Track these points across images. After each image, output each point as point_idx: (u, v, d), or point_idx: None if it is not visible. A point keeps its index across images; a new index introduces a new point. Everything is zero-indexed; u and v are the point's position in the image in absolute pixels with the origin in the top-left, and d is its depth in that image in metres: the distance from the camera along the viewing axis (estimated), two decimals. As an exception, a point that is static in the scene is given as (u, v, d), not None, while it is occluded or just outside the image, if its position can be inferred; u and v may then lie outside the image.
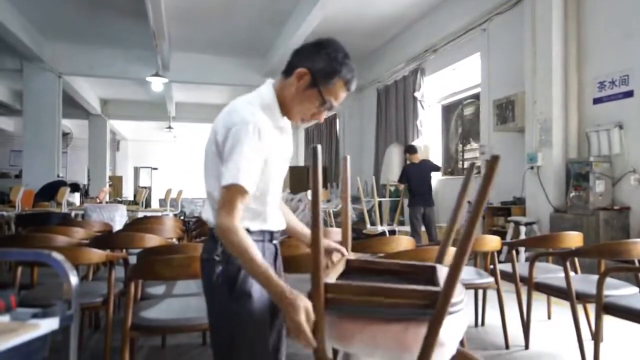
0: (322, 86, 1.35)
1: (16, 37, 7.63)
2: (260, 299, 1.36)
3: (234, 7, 7.69)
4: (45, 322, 1.04)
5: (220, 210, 1.26)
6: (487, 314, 3.45)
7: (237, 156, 1.26)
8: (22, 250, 1.36)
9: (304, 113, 1.41)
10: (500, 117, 5.99)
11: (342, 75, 1.36)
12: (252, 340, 1.35)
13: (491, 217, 5.97)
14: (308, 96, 1.37)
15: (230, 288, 1.34)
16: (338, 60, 1.35)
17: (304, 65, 1.35)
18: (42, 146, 9.02)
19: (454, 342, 1.30)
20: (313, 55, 1.36)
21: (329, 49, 1.36)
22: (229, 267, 1.34)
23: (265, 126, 1.32)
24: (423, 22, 8.18)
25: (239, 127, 1.29)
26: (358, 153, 10.86)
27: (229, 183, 1.26)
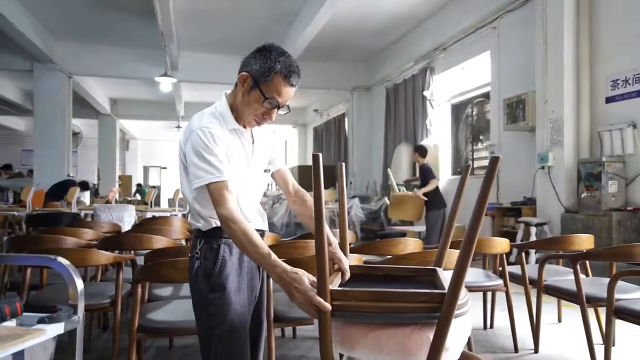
0: (262, 85, 1.45)
1: (27, 38, 7.69)
2: (237, 291, 1.49)
3: (242, 7, 7.69)
4: (50, 328, 1.03)
5: (215, 206, 1.39)
6: (496, 317, 3.42)
7: (201, 157, 1.40)
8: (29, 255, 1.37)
9: (254, 114, 1.50)
10: (510, 116, 5.93)
11: (278, 70, 1.45)
12: (229, 329, 1.45)
13: (501, 218, 5.92)
14: (253, 97, 1.48)
15: (207, 281, 1.47)
16: (272, 58, 1.45)
17: (245, 71, 1.48)
18: (53, 145, 9.10)
19: (459, 346, 1.29)
20: (251, 60, 1.48)
21: (264, 51, 1.47)
22: (206, 263, 1.48)
23: (217, 130, 1.45)
24: (432, 20, 8.13)
25: (194, 134, 1.43)
26: (367, 153, 10.83)
27: (204, 184, 1.39)
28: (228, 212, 1.37)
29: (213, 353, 1.47)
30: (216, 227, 1.49)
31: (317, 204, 1.23)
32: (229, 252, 1.50)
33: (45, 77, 9.14)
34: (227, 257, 1.49)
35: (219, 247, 1.49)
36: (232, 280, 1.48)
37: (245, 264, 1.54)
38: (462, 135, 8.11)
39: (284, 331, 3.22)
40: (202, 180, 1.40)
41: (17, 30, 7.30)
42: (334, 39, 8.98)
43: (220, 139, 1.44)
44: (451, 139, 8.25)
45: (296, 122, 16.67)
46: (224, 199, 1.38)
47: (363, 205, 8.79)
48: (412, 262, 2.12)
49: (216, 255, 1.48)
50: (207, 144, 1.41)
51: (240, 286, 1.50)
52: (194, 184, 1.42)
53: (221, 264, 1.47)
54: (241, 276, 1.52)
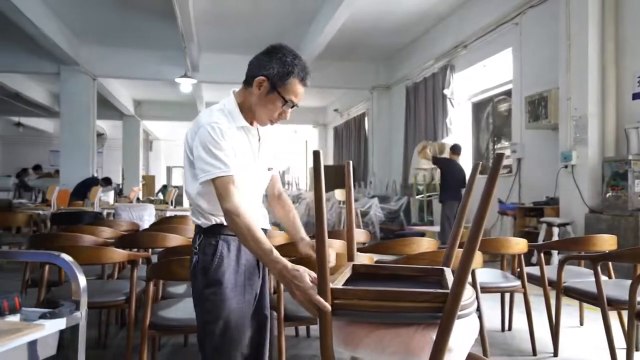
0: (280, 88, 1.49)
1: (53, 42, 7.90)
2: (233, 288, 1.49)
3: (261, 8, 7.73)
4: (50, 323, 1.05)
5: (220, 201, 1.41)
6: (515, 319, 3.34)
7: (209, 152, 1.42)
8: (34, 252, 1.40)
9: (270, 115, 1.54)
10: (532, 114, 5.80)
11: (296, 74, 1.49)
12: (224, 325, 1.47)
13: (522, 218, 5.79)
14: (270, 100, 1.50)
15: (204, 276, 1.48)
16: (289, 62, 1.49)
17: (261, 74, 1.49)
18: (78, 146, 9.32)
19: (464, 348, 1.26)
20: (267, 63, 1.50)
21: (280, 54, 1.50)
22: (204, 258, 1.49)
23: (226, 126, 1.47)
24: (452, 17, 8.02)
25: (203, 129, 1.45)
26: (387, 152, 10.76)
27: (210, 178, 1.41)
28: (233, 205, 1.38)
29: (207, 348, 1.48)
30: (215, 224, 1.51)
31: (317, 202, 1.22)
32: (227, 248, 1.51)
33: (71, 80, 9.37)
34: (224, 254, 1.50)
35: (217, 243, 1.50)
36: (229, 277, 1.49)
37: (243, 262, 1.54)
38: (483, 134, 7.98)
39: (297, 330, 3.22)
40: (209, 174, 1.41)
41: (44, 34, 7.50)
42: (353, 38, 8.95)
43: (228, 135, 1.46)
44: (472, 138, 8.13)
45: (316, 122, 16.68)
46: (229, 192, 1.39)
47: (382, 205, 8.73)
48: (423, 262, 2.08)
49: (214, 251, 1.49)
50: (216, 139, 1.42)
51: (237, 283, 1.51)
52: (200, 178, 1.42)
53: (218, 259, 1.49)
54: (238, 273, 1.52)
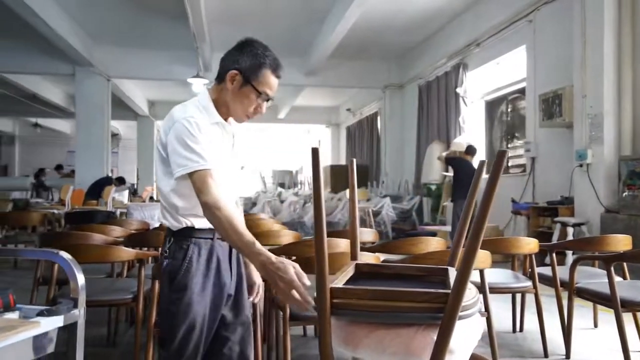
0: (253, 81, 1.48)
1: (68, 44, 8.02)
2: (200, 292, 1.45)
3: (273, 7, 7.74)
4: (47, 321, 1.05)
5: (199, 195, 1.36)
6: (527, 320, 3.29)
7: (186, 145, 1.38)
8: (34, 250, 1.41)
9: (246, 109, 1.52)
10: (546, 112, 5.71)
11: (268, 65, 1.49)
12: (187, 329, 1.43)
13: (536, 218, 5.70)
14: (244, 93, 1.49)
15: (172, 280, 1.45)
16: (260, 54, 1.49)
17: (233, 68, 1.48)
18: (93, 146, 9.45)
19: (466, 349, 1.23)
20: (238, 57, 1.49)
21: (250, 47, 1.50)
22: (174, 262, 1.46)
23: (202, 121, 1.44)
24: (465, 15, 7.93)
25: (178, 124, 1.41)
26: (399, 151, 10.70)
27: (188, 172, 1.37)
28: (213, 198, 1.34)
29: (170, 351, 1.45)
30: (187, 227, 1.47)
31: (316, 199, 1.20)
32: (197, 252, 1.47)
33: (85, 81, 9.50)
34: (194, 258, 1.46)
35: (188, 247, 1.46)
36: (197, 281, 1.45)
37: (214, 265, 1.49)
38: (497, 132, 7.88)
39: (305, 330, 3.21)
40: (186, 168, 1.37)
41: (59, 35, 7.62)
42: (365, 37, 8.91)
43: (204, 129, 1.43)
44: (485, 137, 8.03)
45: (329, 121, 16.67)
46: (208, 185, 1.35)
47: (394, 204, 8.69)
48: (430, 262, 2.05)
49: (184, 256, 1.45)
50: (193, 132, 1.39)
51: (205, 287, 1.47)
52: (177, 173, 1.38)
53: (187, 264, 1.45)
54: (207, 277, 1.48)
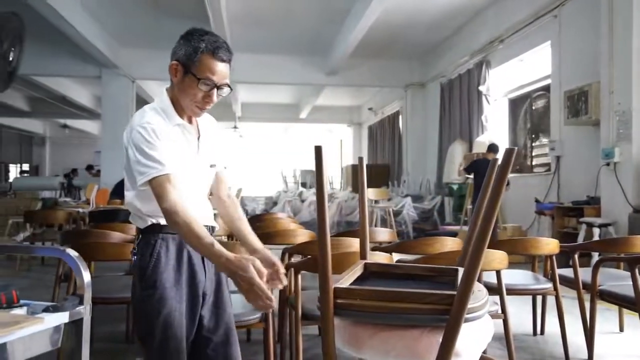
0: (192, 68, 1.41)
1: (95, 47, 8.22)
2: (172, 287, 1.44)
3: (294, 7, 7.76)
4: (51, 317, 1.07)
5: (158, 201, 1.35)
6: (548, 323, 3.20)
7: (143, 153, 1.37)
8: (42, 247, 1.44)
9: (194, 100, 1.45)
10: (572, 110, 5.55)
11: (203, 48, 1.41)
12: (163, 325, 1.42)
13: (561, 218, 5.55)
14: (187, 84, 1.43)
15: (141, 277, 1.44)
16: (195, 39, 1.42)
17: (173, 60, 1.45)
18: (118, 147, 9.49)
19: (474, 352, 1.20)
20: (176, 48, 1.45)
21: (186, 36, 1.45)
22: (142, 258, 1.45)
23: (160, 126, 1.41)
24: (488, 11, 7.79)
25: (134, 132, 1.40)
26: (421, 150, 10.59)
27: (148, 179, 1.36)
28: (170, 204, 1.33)
29: (150, 349, 1.44)
30: (153, 224, 1.46)
31: (319, 199, 1.19)
32: (165, 247, 1.46)
33: (111, 82, 9.71)
34: (162, 253, 1.45)
35: (155, 243, 1.45)
36: (168, 276, 1.44)
37: (185, 260, 1.49)
38: (521, 131, 7.71)
39: (320, 330, 3.19)
40: (145, 175, 1.36)
41: (86, 39, 7.81)
42: (386, 35, 8.85)
43: (162, 134, 1.40)
44: (508, 135, 7.87)
45: (351, 121, 16.62)
46: (166, 191, 1.34)
47: (416, 204, 8.60)
48: (443, 262, 2.01)
49: (152, 251, 1.44)
50: (148, 139, 1.37)
51: (177, 281, 1.46)
52: (138, 181, 1.37)
53: (156, 259, 1.44)
54: (179, 272, 1.47)
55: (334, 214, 8.60)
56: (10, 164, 19.16)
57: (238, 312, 2.26)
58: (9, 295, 0.97)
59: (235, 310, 2.27)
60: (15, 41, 4.83)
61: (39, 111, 15.24)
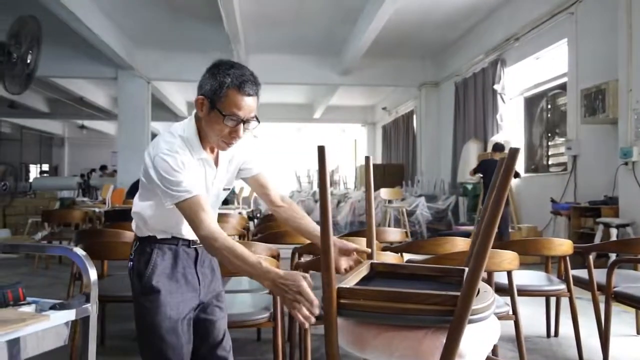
0: (217, 104, 1.39)
1: (111, 48, 8.34)
2: (168, 294, 1.45)
3: (306, 8, 7.77)
4: (57, 314, 1.09)
5: (193, 228, 1.35)
6: (562, 325, 3.15)
7: (168, 181, 1.35)
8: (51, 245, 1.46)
9: (220, 135, 1.43)
10: (589, 108, 5.46)
11: (229, 83, 1.38)
12: (159, 331, 1.43)
13: (578, 219, 5.46)
14: (213, 118, 1.41)
15: (139, 282, 1.46)
16: (220, 74, 1.39)
17: (199, 94, 1.42)
18: (134, 147, 9.76)
19: (478, 354, 1.19)
20: (202, 82, 1.43)
21: (212, 69, 1.42)
22: (138, 265, 1.47)
23: (187, 158, 1.41)
24: (504, 9, 7.70)
25: (159, 159, 1.38)
26: (435, 150, 10.52)
27: (176, 202, 1.35)
28: (207, 231, 1.32)
29: (147, 355, 1.47)
30: (150, 236, 1.49)
31: (322, 198, 1.19)
32: (161, 256, 1.48)
33: (127, 84, 9.84)
34: (158, 262, 1.47)
35: (152, 251, 1.48)
36: (164, 284, 1.45)
37: (180, 269, 1.50)
38: (537, 130, 7.60)
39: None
40: (175, 199, 1.35)
41: (102, 41, 7.92)
42: (400, 34, 8.81)
43: (187, 165, 1.41)
44: (524, 135, 7.76)
45: (365, 120, 16.58)
46: (199, 217, 1.33)
47: (429, 204, 8.54)
48: (452, 262, 1.99)
49: (148, 259, 1.47)
50: (175, 168, 1.37)
51: (173, 290, 1.46)
52: (166, 203, 1.37)
53: (152, 267, 1.46)
54: (174, 280, 1.48)
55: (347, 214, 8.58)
56: (30, 164, 19.55)
57: (247, 311, 2.28)
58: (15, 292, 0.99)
59: (245, 310, 2.30)
60: (33, 44, 4.94)
61: (58, 112, 15.52)
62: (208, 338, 1.58)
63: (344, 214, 8.62)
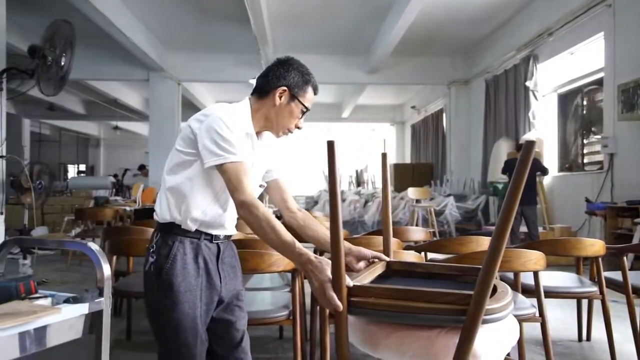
0: (300, 97, 1.55)
1: (143, 51, 8.54)
2: (186, 291, 1.42)
3: (333, 6, 7.74)
4: (70, 308, 1.11)
5: (233, 192, 1.36)
6: (595, 328, 3.03)
7: (221, 138, 1.37)
8: (66, 240, 1.49)
9: (289, 125, 1.57)
10: (626, 104, 5.24)
11: (312, 82, 1.59)
12: (175, 328, 1.42)
13: (614, 219, 5.24)
14: (291, 108, 1.55)
15: (157, 277, 1.43)
16: (306, 72, 1.57)
17: (281, 84, 1.52)
18: (165, 148, 9.93)
19: (494, 355, 1.14)
20: (285, 73, 1.54)
21: (296, 65, 1.57)
22: (159, 258, 1.44)
23: (236, 125, 1.43)
24: (536, 3, 7.48)
25: (215, 117, 1.41)
26: (465, 149, 10.31)
27: (223, 162, 1.36)
28: (249, 197, 1.34)
29: (164, 353, 1.45)
30: (173, 223, 1.45)
31: (332, 195, 1.17)
32: (182, 250, 1.44)
33: (158, 85, 10.05)
34: (179, 256, 1.43)
35: (173, 244, 1.44)
36: (182, 280, 1.42)
37: (202, 264, 1.47)
38: (571, 127, 7.35)
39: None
40: (222, 158, 1.35)
41: (134, 44, 8.12)
42: (428, 32, 8.68)
43: (240, 135, 1.44)
44: (558, 132, 7.52)
45: (394, 119, 16.43)
46: (243, 183, 1.34)
47: (459, 204, 8.37)
48: (474, 262, 1.94)
49: (169, 252, 1.43)
50: (230, 129, 1.39)
51: (192, 286, 1.44)
52: (209, 162, 1.36)
53: (172, 261, 1.42)
54: (194, 275, 1.45)
55: (374, 213, 8.51)
56: (68, 164, 20.26)
57: (267, 308, 2.29)
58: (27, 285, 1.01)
59: (264, 307, 2.31)
60: (66, 47, 5.09)
61: (93, 114, 16.01)
62: (226, 338, 1.55)
63: (371, 213, 8.56)
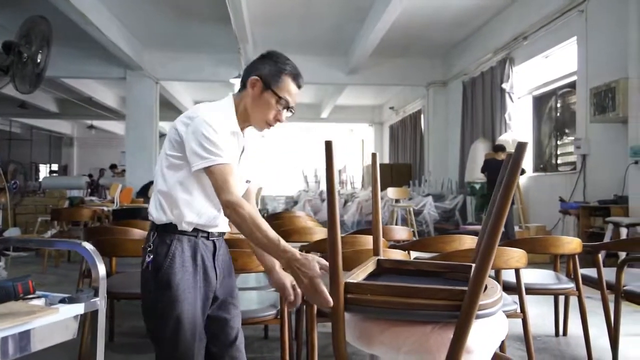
0: (273, 86, 1.49)
1: (120, 49, 8.40)
2: (186, 289, 1.43)
3: (314, 7, 7.77)
4: (66, 308, 1.10)
5: (220, 192, 1.36)
6: (572, 324, 3.13)
7: (207, 140, 1.37)
8: (60, 240, 1.47)
9: (266, 116, 1.52)
10: (598, 107, 5.41)
11: (288, 71, 1.51)
12: (175, 327, 1.41)
13: (587, 218, 5.42)
14: (265, 99, 1.50)
15: (155, 277, 1.42)
16: (281, 61, 1.51)
17: (254, 74, 1.50)
18: (142, 147, 9.83)
19: (486, 349, 1.18)
20: (259, 64, 1.52)
21: (272, 56, 1.53)
22: (157, 258, 1.43)
23: (221, 126, 1.42)
24: (512, 7, 7.66)
25: (199, 120, 1.40)
26: (443, 149, 10.48)
27: (210, 165, 1.36)
28: (234, 197, 1.34)
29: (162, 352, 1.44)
30: (171, 224, 1.44)
31: (330, 195, 1.19)
32: (180, 248, 1.44)
33: (135, 84, 9.90)
34: (177, 254, 1.43)
35: (171, 243, 1.43)
36: (181, 278, 1.42)
37: (199, 262, 1.47)
38: (546, 129, 7.55)
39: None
40: (208, 161, 1.35)
41: (111, 41, 7.99)
42: (407, 33, 8.78)
43: (226, 137, 1.43)
44: (533, 134, 7.72)
45: (372, 120, 16.56)
46: (229, 184, 1.35)
47: (437, 203, 8.51)
48: (459, 260, 1.98)
49: (167, 251, 1.42)
50: (217, 131, 1.39)
51: (190, 284, 1.44)
52: (196, 165, 1.37)
53: (170, 259, 1.42)
54: (193, 274, 1.45)
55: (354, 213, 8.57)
56: (40, 164, 19.75)
57: (254, 308, 2.29)
58: (25, 285, 1.00)
59: (251, 307, 2.31)
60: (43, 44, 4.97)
61: (67, 112, 15.66)
62: (221, 336, 1.55)
63: (350, 213, 8.62)
